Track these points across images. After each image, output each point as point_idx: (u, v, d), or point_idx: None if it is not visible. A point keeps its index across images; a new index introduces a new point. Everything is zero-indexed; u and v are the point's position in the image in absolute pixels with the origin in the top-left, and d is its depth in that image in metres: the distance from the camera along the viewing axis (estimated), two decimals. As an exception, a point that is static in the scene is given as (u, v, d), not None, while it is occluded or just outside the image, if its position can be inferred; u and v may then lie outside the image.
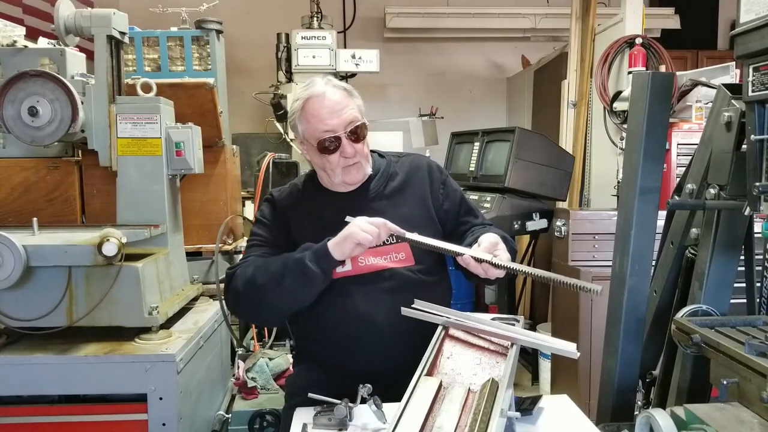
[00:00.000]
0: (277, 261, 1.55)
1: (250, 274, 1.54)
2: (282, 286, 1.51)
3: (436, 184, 1.73)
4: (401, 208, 1.67)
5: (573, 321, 2.96)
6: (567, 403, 1.50)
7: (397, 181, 1.71)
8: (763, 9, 1.15)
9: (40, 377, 1.73)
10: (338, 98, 1.58)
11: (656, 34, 5.04)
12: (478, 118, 5.63)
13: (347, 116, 1.57)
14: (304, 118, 1.59)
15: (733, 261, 1.43)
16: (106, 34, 2.07)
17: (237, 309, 1.71)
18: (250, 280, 1.54)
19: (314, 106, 1.57)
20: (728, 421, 1.05)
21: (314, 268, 1.49)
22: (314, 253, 1.50)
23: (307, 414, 1.37)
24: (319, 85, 1.59)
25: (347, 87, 1.63)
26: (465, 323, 1.42)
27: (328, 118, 1.56)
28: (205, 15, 2.94)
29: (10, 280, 1.66)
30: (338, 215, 1.59)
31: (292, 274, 1.50)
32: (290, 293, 1.52)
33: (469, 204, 1.79)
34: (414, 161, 1.77)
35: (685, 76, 3.20)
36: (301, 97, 1.60)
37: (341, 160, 1.59)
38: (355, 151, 1.59)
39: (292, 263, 1.51)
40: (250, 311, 1.66)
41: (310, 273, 1.49)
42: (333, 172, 1.61)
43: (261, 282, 1.52)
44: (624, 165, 1.71)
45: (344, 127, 1.57)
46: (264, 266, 1.55)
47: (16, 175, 2.26)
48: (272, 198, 1.73)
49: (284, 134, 3.96)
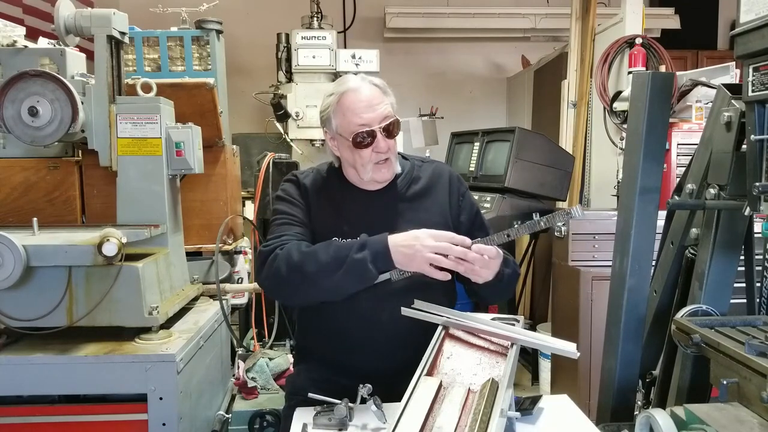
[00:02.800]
0: (327, 251, 1.51)
1: (297, 259, 1.52)
2: (334, 279, 1.49)
3: (456, 195, 1.74)
4: (420, 213, 1.68)
5: (573, 321, 2.96)
6: (567, 403, 1.50)
7: (420, 186, 1.72)
8: (763, 9, 1.15)
9: (40, 377, 1.73)
10: (374, 93, 1.60)
11: (656, 34, 5.04)
12: (478, 118, 5.63)
13: (382, 111, 1.59)
14: (339, 112, 1.60)
15: (733, 261, 1.43)
16: (106, 34, 2.07)
17: (275, 289, 1.64)
18: (297, 265, 1.51)
19: (350, 100, 1.59)
20: (728, 421, 1.05)
21: (374, 270, 1.48)
22: (375, 254, 1.48)
23: (307, 414, 1.37)
24: (355, 81, 1.62)
25: (381, 84, 1.65)
26: (465, 323, 1.42)
27: (363, 112, 1.57)
28: (205, 15, 2.93)
29: (10, 280, 1.66)
30: (358, 211, 1.63)
31: (351, 273, 1.48)
32: (343, 289, 1.52)
33: (482, 220, 1.80)
34: (437, 168, 1.77)
35: (685, 76, 3.20)
36: (337, 92, 1.61)
37: (373, 155, 1.59)
38: (388, 146, 1.60)
39: (351, 262, 1.48)
40: (289, 293, 1.62)
41: (370, 275, 1.49)
42: (364, 168, 1.62)
43: (310, 270, 1.50)
44: (624, 165, 1.71)
45: (379, 121, 1.58)
46: (313, 255, 1.52)
47: (16, 175, 2.26)
48: (296, 179, 1.72)
49: (284, 134, 3.96)
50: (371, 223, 1.62)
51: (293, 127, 3.92)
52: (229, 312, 2.42)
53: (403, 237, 1.49)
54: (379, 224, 1.62)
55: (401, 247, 1.47)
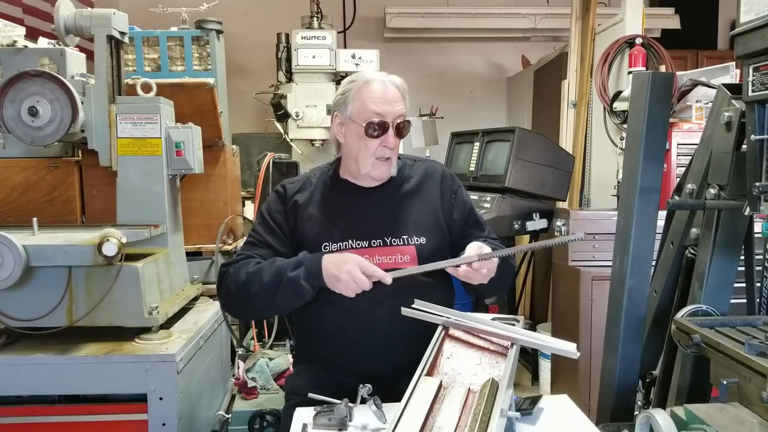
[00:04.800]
0: (270, 271, 1.56)
1: (244, 280, 1.57)
2: (275, 299, 1.55)
3: (448, 192, 1.75)
4: (412, 211, 1.68)
5: (573, 321, 2.96)
6: (567, 403, 1.50)
7: (411, 185, 1.73)
8: (763, 9, 1.14)
9: (40, 377, 1.73)
10: (395, 92, 1.64)
11: (656, 34, 5.03)
12: (478, 118, 5.62)
13: (399, 109, 1.63)
14: (357, 98, 1.63)
15: (733, 261, 1.43)
16: (106, 34, 2.07)
17: (227, 308, 1.86)
18: (243, 285, 1.57)
19: (373, 89, 1.62)
20: (728, 421, 1.05)
21: (307, 286, 1.53)
22: (308, 272, 1.53)
23: (307, 414, 1.37)
24: (380, 75, 1.66)
25: (402, 86, 1.68)
26: (465, 323, 1.42)
27: (382, 103, 1.61)
28: (205, 15, 2.94)
29: (10, 280, 1.66)
30: (350, 212, 1.65)
31: (286, 291, 1.54)
32: (281, 306, 1.64)
33: (477, 216, 1.80)
34: (429, 167, 1.78)
35: (685, 76, 3.20)
36: (359, 79, 1.65)
37: (379, 149, 1.62)
38: (395, 144, 1.63)
39: (286, 281, 1.53)
40: (238, 312, 1.85)
41: (303, 291, 1.54)
42: (365, 161, 1.64)
43: (253, 291, 1.56)
44: (624, 165, 1.71)
45: (394, 117, 1.61)
46: (257, 274, 1.56)
47: (16, 175, 2.27)
48: (284, 189, 1.74)
49: (284, 134, 3.96)
50: (363, 224, 1.64)
51: (293, 127, 3.92)
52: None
53: (335, 258, 1.53)
54: (371, 224, 1.64)
55: (332, 270, 1.50)
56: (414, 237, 1.64)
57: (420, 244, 1.64)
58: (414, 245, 1.63)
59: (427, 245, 1.64)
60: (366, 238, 1.63)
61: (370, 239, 1.63)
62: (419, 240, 1.64)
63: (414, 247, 1.62)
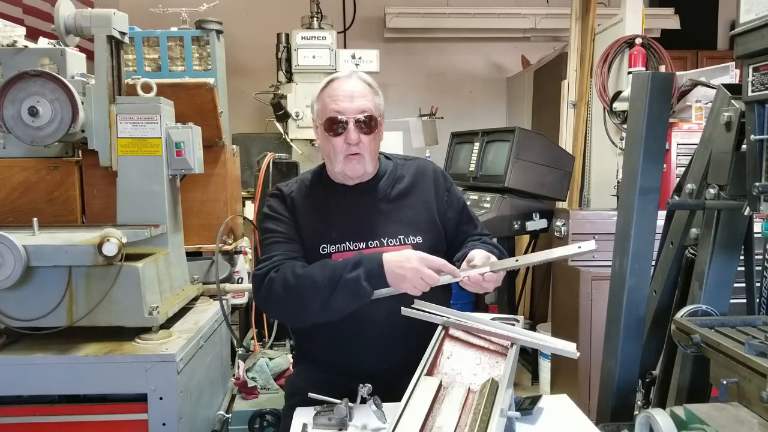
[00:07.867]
0: (323, 273, 1.52)
1: (293, 282, 1.52)
2: (331, 300, 1.50)
3: (441, 190, 1.75)
4: (406, 211, 1.68)
5: (573, 321, 2.96)
6: (567, 403, 1.50)
7: (404, 184, 1.72)
8: (763, 9, 1.15)
9: (40, 377, 1.73)
10: (358, 87, 1.63)
11: (656, 34, 5.04)
12: (478, 118, 5.63)
13: (361, 105, 1.61)
14: (320, 98, 1.65)
15: (732, 261, 1.43)
16: (106, 34, 2.07)
17: (276, 313, 1.75)
18: (294, 288, 1.52)
19: (333, 87, 1.63)
20: (728, 421, 1.05)
21: (368, 286, 1.49)
22: (369, 272, 1.49)
23: (307, 414, 1.37)
24: (343, 72, 1.67)
25: (372, 83, 1.68)
26: (465, 323, 1.42)
27: (341, 100, 1.60)
28: (205, 15, 2.93)
29: (10, 280, 1.66)
30: (344, 214, 1.64)
31: (345, 292, 1.49)
32: (338, 308, 1.53)
33: (470, 213, 1.80)
34: (420, 166, 1.78)
35: (685, 76, 3.20)
36: (325, 80, 1.67)
37: (344, 146, 1.61)
38: (359, 140, 1.61)
39: (344, 282, 1.49)
40: (290, 316, 1.68)
41: (364, 292, 1.49)
42: (336, 158, 1.63)
43: (307, 293, 1.51)
44: (624, 165, 1.71)
45: (355, 113, 1.60)
46: (309, 276, 1.52)
47: (16, 175, 2.26)
48: (281, 192, 1.74)
49: (284, 134, 3.97)
50: (358, 225, 1.64)
51: (293, 127, 3.92)
52: (229, 312, 2.42)
53: (396, 256, 1.50)
54: (365, 225, 1.64)
55: (396, 268, 1.48)
56: (410, 236, 1.64)
57: (416, 243, 1.64)
58: (410, 244, 1.63)
59: (423, 244, 1.64)
60: (362, 239, 1.63)
61: (366, 240, 1.63)
62: (415, 239, 1.64)
63: (410, 247, 1.62)
